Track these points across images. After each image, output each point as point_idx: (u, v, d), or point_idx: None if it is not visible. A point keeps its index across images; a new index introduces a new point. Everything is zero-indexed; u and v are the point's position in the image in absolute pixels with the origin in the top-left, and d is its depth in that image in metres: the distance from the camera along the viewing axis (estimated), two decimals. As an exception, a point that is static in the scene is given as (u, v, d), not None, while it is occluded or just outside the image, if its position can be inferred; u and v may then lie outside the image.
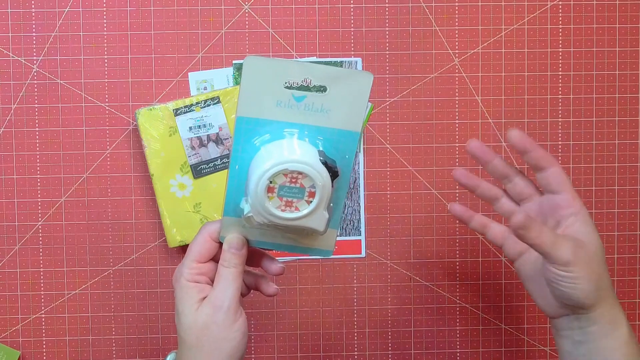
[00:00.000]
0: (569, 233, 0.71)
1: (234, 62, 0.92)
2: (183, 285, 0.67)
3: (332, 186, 0.62)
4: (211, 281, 0.68)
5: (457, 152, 0.93)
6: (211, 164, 0.89)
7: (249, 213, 0.62)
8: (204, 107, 0.88)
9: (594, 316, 0.70)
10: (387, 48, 0.92)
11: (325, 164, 0.61)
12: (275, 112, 0.61)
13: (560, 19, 0.93)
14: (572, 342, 0.72)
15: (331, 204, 0.63)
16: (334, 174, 0.62)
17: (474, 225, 0.78)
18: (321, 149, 0.62)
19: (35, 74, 0.91)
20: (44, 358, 0.92)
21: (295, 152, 0.61)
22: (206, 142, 0.89)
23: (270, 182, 0.60)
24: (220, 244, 0.67)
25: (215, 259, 0.68)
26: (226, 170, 0.89)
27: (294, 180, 0.61)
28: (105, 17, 0.91)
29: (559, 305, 0.72)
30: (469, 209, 0.78)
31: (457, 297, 0.94)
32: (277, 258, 0.71)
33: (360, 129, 0.62)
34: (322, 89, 0.62)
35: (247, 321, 0.93)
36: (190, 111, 0.88)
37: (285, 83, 0.61)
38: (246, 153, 0.63)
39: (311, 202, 0.61)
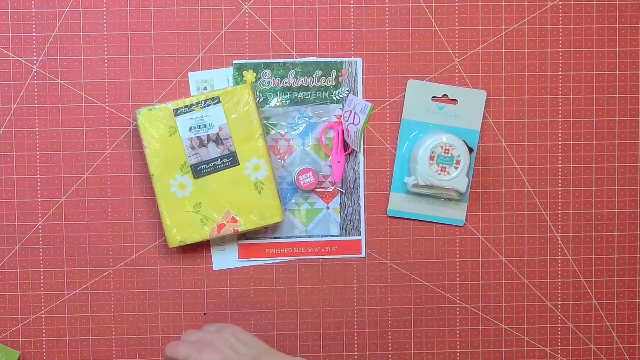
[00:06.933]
0: None
1: (234, 62, 0.92)
2: None
3: (469, 159, 0.89)
4: None
5: (457, 152, 0.93)
6: (211, 164, 0.89)
7: (415, 180, 0.89)
8: (204, 107, 0.88)
9: None
10: (387, 48, 0.92)
11: (464, 142, 0.89)
12: (426, 116, 0.92)
13: (560, 19, 0.93)
14: None
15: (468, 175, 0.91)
16: (470, 149, 0.90)
17: None
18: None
19: (35, 74, 0.91)
20: (44, 358, 0.92)
21: (445, 135, 0.89)
22: (206, 142, 0.89)
23: (432, 152, 0.88)
24: None
25: None
26: (226, 170, 0.89)
27: (446, 151, 0.88)
28: (105, 17, 0.91)
29: None
30: None
31: (457, 297, 0.94)
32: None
33: (479, 128, 0.92)
34: (454, 101, 0.92)
35: (247, 321, 0.93)
36: (190, 111, 0.88)
37: (432, 98, 0.92)
38: (408, 141, 0.92)
39: (457, 167, 0.89)
